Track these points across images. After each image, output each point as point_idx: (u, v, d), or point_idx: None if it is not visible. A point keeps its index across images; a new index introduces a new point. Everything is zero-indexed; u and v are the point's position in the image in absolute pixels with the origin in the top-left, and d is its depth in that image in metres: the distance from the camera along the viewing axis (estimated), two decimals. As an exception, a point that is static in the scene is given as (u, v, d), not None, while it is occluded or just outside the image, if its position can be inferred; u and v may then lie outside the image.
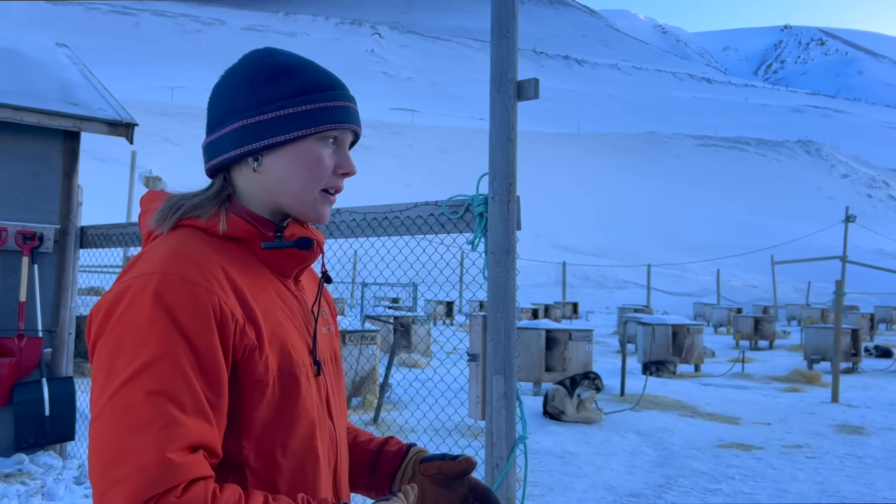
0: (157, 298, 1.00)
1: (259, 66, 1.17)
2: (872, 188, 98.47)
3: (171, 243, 1.09)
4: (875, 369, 15.49)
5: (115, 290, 1.04)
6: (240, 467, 1.06)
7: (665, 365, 13.69)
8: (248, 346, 1.05)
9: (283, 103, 1.15)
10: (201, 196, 1.17)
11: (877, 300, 39.93)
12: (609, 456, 6.80)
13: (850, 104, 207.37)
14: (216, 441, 1.01)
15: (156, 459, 0.93)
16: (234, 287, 1.07)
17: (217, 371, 1.02)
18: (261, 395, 1.07)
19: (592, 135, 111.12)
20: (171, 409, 0.96)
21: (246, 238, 1.15)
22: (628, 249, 62.99)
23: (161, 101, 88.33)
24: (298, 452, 1.10)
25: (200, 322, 1.00)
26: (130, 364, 0.97)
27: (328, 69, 1.22)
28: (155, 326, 0.99)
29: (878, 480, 6.25)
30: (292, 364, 1.11)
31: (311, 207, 1.17)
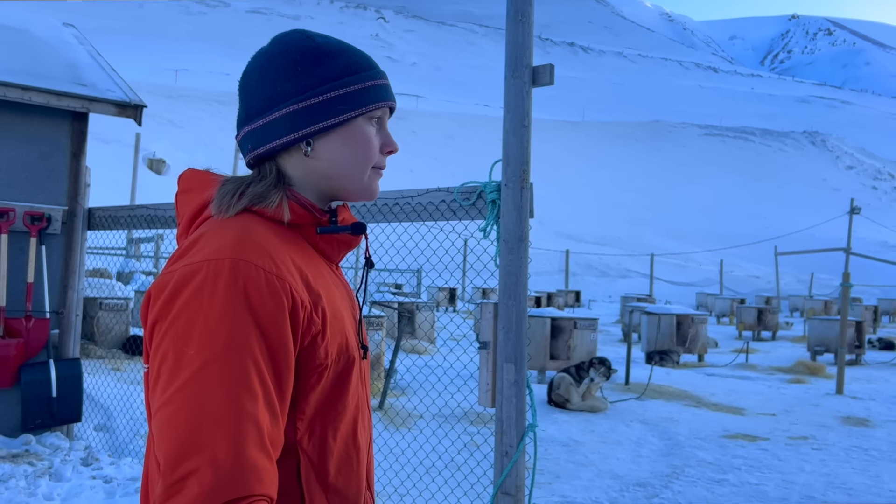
0: (232, 284, 0.98)
1: (300, 48, 1.16)
2: (878, 180, 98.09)
3: (237, 228, 1.06)
4: (878, 361, 15.48)
5: (179, 272, 1.00)
6: (294, 449, 1.06)
7: (669, 355, 13.69)
8: (314, 332, 1.06)
9: (331, 85, 1.14)
10: (264, 184, 1.14)
11: (880, 292, 39.88)
12: (614, 444, 6.80)
13: (857, 95, 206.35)
14: (279, 434, 1.00)
15: (231, 456, 0.91)
16: (300, 273, 1.06)
17: (287, 361, 1.02)
18: (318, 379, 1.08)
19: (597, 123, 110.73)
20: (247, 403, 0.94)
21: (302, 224, 1.15)
22: (631, 238, 62.90)
23: (165, 83, 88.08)
24: (346, 437, 1.12)
25: (275, 310, 0.99)
26: (203, 351, 0.95)
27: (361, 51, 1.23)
28: (228, 314, 0.96)
29: (883, 473, 6.25)
30: (349, 348, 1.13)
31: (367, 186, 1.19)
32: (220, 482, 0.89)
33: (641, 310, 15.34)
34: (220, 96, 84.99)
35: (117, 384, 6.86)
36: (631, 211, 74.01)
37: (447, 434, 5.76)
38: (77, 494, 4.45)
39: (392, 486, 4.72)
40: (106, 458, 5.15)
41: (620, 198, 78.18)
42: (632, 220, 70.70)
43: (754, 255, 54.56)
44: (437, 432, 5.60)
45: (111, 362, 8.85)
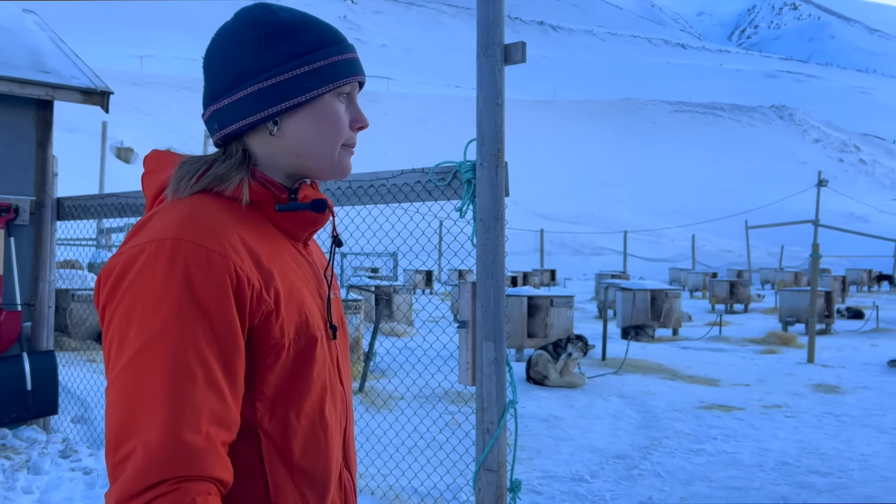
0: (171, 264, 0.97)
1: (264, 23, 1.12)
2: (844, 152, 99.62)
3: (185, 208, 1.05)
4: (847, 330, 15.82)
5: (125, 254, 1.00)
6: (254, 430, 1.05)
7: (644, 329, 13.86)
8: (265, 310, 1.04)
9: (298, 61, 1.11)
10: (227, 165, 1.11)
11: (848, 262, 40.66)
12: (593, 419, 6.89)
13: (822, 69, 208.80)
14: (229, 414, 0.98)
15: (163, 437, 0.91)
16: (250, 252, 1.04)
17: (233, 339, 1.00)
18: (276, 358, 1.05)
19: (568, 101, 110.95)
20: (184, 384, 0.94)
21: (261, 201, 1.12)
22: (605, 216, 63.35)
23: (130, 69, 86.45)
24: (311, 416, 1.09)
25: (216, 289, 0.98)
26: (142, 333, 0.95)
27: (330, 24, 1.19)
28: (168, 294, 0.96)
29: (855, 437, 6.41)
30: (309, 327, 1.10)
31: (338, 164, 1.16)
32: (150, 463, 0.90)
33: (616, 286, 15.50)
34: (187, 82, 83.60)
35: (93, 375, 6.79)
36: (603, 189, 74.48)
37: (428, 414, 5.79)
38: (57, 487, 4.41)
39: (375, 466, 4.74)
40: (85, 449, 5.11)
41: (593, 176, 78.60)
42: (604, 197, 71.17)
43: (725, 229, 55.28)
44: (418, 412, 5.62)
45: (86, 354, 8.75)
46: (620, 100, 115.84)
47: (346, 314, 8.98)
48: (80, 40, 70.15)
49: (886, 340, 13.97)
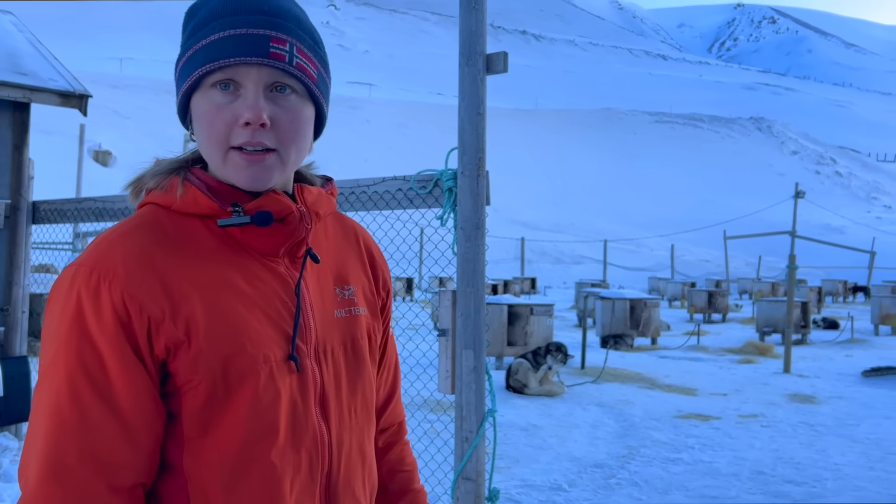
0: (69, 293, 0.92)
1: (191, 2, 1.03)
2: (820, 164, 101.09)
3: (114, 228, 0.99)
4: (823, 340, 16.00)
5: (59, 276, 0.97)
6: (180, 472, 0.96)
7: (623, 338, 13.93)
8: (169, 343, 0.93)
9: (183, 47, 1.00)
10: (165, 162, 1.03)
11: (824, 273, 41.18)
12: (572, 428, 6.91)
13: (800, 82, 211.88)
14: (123, 456, 0.91)
15: (37, 482, 0.90)
16: (158, 275, 0.94)
17: (125, 374, 0.92)
18: (192, 396, 0.94)
19: (550, 111, 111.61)
20: (62, 425, 0.90)
21: (209, 214, 0.99)
22: (585, 225, 63.71)
23: (109, 72, 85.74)
24: (245, 460, 0.96)
25: (101, 319, 0.91)
26: (42, 362, 0.94)
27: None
28: (62, 324, 0.92)
29: (829, 447, 6.48)
30: (241, 359, 0.95)
31: (226, 171, 0.98)
32: (26, 502, 0.91)
33: (596, 295, 15.57)
34: (167, 85, 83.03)
35: (67, 382, 6.70)
36: (584, 198, 74.92)
37: (407, 422, 5.78)
38: (28, 495, 4.34)
39: (353, 475, 4.71)
40: (57, 457, 5.03)
41: (574, 185, 79.07)
42: (585, 206, 71.59)
43: (704, 239, 55.81)
44: (396, 421, 5.60)
45: (60, 359, 8.64)
46: (601, 109, 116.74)
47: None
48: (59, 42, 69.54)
49: (861, 351, 14.15)
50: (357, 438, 1.08)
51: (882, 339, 16.61)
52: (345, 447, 1.06)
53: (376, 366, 1.17)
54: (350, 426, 1.07)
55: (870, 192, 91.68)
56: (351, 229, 1.19)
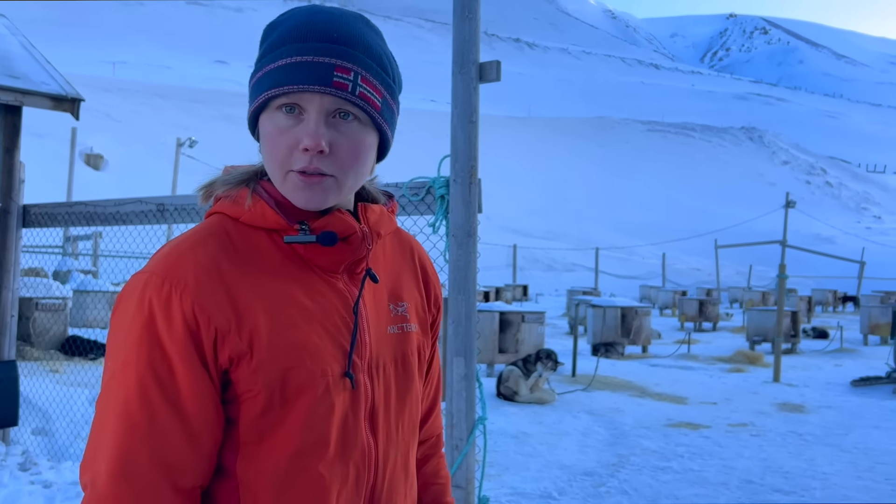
0: (140, 301, 0.96)
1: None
2: (811, 175, 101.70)
3: (184, 236, 1.02)
4: (812, 350, 16.07)
5: (127, 281, 1.01)
6: (233, 477, 1.00)
7: (614, 346, 13.95)
8: (234, 354, 0.96)
9: (256, 67, 1.03)
10: (235, 172, 1.06)
11: (814, 283, 41.39)
12: (562, 436, 6.91)
13: (791, 92, 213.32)
14: (186, 458, 0.95)
15: (106, 478, 0.93)
16: (227, 287, 0.97)
17: (191, 380, 0.95)
18: (251, 405, 0.97)
19: (543, 118, 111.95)
20: (132, 426, 0.94)
21: (276, 229, 1.02)
22: (577, 233, 63.84)
23: (102, 75, 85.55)
24: (292, 470, 0.99)
25: (171, 327, 0.94)
26: (111, 365, 0.97)
27: (326, 15, 1.00)
28: (133, 331, 0.95)
29: (817, 456, 6.50)
30: (300, 372, 0.98)
31: (284, 190, 1.01)
32: (93, 502, 0.94)
33: (587, 303, 15.60)
34: (160, 90, 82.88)
35: (56, 386, 6.65)
36: (576, 205, 75.11)
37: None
38: (15, 501, 4.31)
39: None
40: (45, 462, 4.99)
41: (566, 192, 79.25)
42: (577, 214, 71.76)
43: (695, 248, 56.01)
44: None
45: (49, 364, 8.58)
46: (594, 118, 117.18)
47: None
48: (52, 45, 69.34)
49: (850, 361, 14.22)
50: (402, 453, 1.11)
51: (871, 348, 16.70)
52: (390, 462, 1.08)
53: (422, 380, 1.19)
54: (396, 441, 1.09)
55: (860, 203, 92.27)
56: (407, 244, 1.21)
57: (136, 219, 4.44)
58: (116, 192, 20.86)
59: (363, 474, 1.04)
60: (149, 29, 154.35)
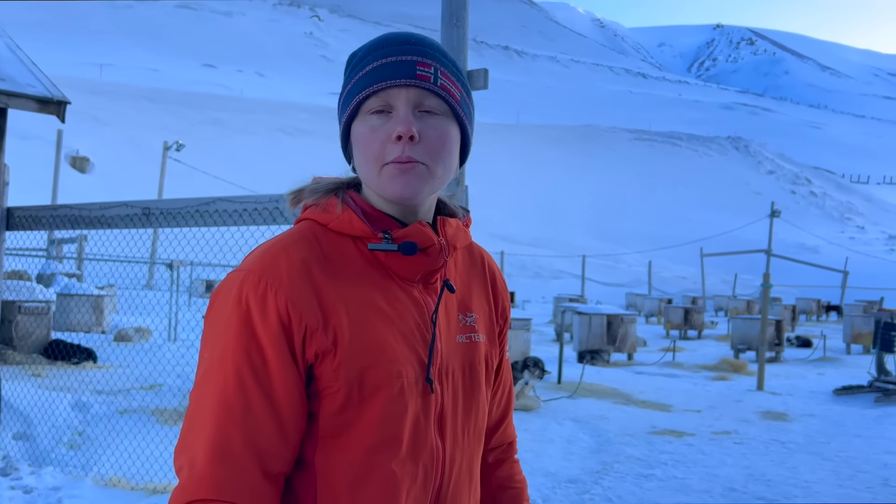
0: (238, 297, 1.03)
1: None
2: (796, 185, 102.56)
3: (277, 239, 1.09)
4: (796, 358, 16.19)
5: (223, 280, 1.08)
6: (311, 468, 1.06)
7: (600, 354, 13.99)
8: (319, 350, 1.03)
9: (346, 79, 1.12)
10: (323, 182, 1.14)
11: (798, 292, 41.70)
12: (547, 443, 6.92)
13: (777, 103, 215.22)
14: (274, 445, 1.01)
15: (204, 462, 0.99)
16: (315, 287, 1.04)
17: (281, 372, 1.02)
18: (331, 400, 1.04)
19: (531, 126, 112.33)
20: (228, 413, 1.00)
21: (361, 236, 1.10)
22: (564, 240, 64.01)
23: (89, 78, 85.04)
24: (368, 465, 1.04)
25: (266, 322, 1.01)
26: (209, 356, 1.04)
27: (402, 31, 1.13)
28: (231, 325, 1.02)
29: (800, 465, 6.55)
30: (378, 372, 1.04)
31: (382, 186, 1.07)
32: (192, 482, 0.99)
33: (573, 310, 15.64)
34: (147, 92, 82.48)
35: (38, 391, 6.60)
36: (563, 213, 75.33)
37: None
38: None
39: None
40: (26, 467, 4.95)
41: (553, 200, 79.48)
42: (564, 221, 71.96)
43: (681, 256, 56.29)
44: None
45: (31, 368, 8.51)
46: (582, 126, 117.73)
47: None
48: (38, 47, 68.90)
49: (832, 369, 14.33)
50: (467, 458, 1.16)
51: (853, 357, 16.85)
52: (456, 465, 1.13)
53: (490, 390, 1.24)
54: (462, 446, 1.14)
55: (843, 213, 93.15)
56: (479, 256, 1.27)
57: (122, 222, 4.42)
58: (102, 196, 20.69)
59: (431, 475, 1.09)
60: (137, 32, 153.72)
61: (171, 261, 14.17)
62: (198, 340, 9.03)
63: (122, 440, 5.45)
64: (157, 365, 8.51)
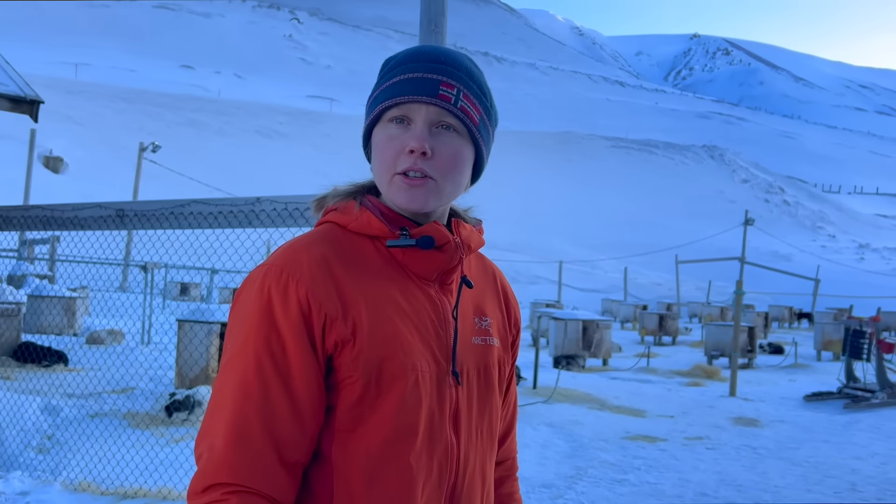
0: (261, 289, 1.07)
1: None
2: (769, 193, 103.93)
3: (298, 238, 1.14)
4: (768, 365, 16.40)
5: (247, 276, 1.12)
6: (328, 460, 1.08)
7: (575, 359, 14.07)
8: (339, 340, 1.06)
9: (374, 87, 1.17)
10: (343, 188, 1.20)
11: (770, 299, 42.24)
12: (522, 448, 6.94)
13: (751, 112, 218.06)
14: (291, 433, 1.04)
15: (223, 447, 1.02)
16: (335, 280, 1.08)
17: (301, 361, 1.05)
18: (349, 391, 1.07)
19: (510, 132, 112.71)
20: (248, 401, 1.03)
21: (379, 236, 1.14)
22: (542, 245, 64.29)
23: (65, 77, 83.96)
24: (385, 457, 1.06)
25: (287, 311, 1.05)
26: (231, 347, 1.07)
27: (435, 46, 1.17)
28: (253, 315, 1.06)
29: (770, 470, 6.64)
30: (394, 363, 1.07)
31: (390, 192, 1.13)
32: (211, 467, 1.02)
33: (549, 315, 15.72)
34: (124, 93, 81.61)
35: (6, 394, 6.49)
36: (541, 218, 75.66)
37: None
38: (-40, 511, 4.19)
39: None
40: (-7, 471, 4.86)
41: (531, 205, 79.81)
42: (542, 227, 72.28)
43: (657, 263, 56.77)
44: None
45: (0, 371, 8.37)
46: (560, 133, 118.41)
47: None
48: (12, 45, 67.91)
49: (803, 376, 14.54)
50: (480, 459, 1.18)
51: (824, 364, 17.11)
52: (469, 464, 1.15)
53: (502, 396, 1.26)
54: (476, 446, 1.17)
55: (815, 222, 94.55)
56: (490, 269, 1.32)
57: (95, 224, 4.37)
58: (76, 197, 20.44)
59: (445, 471, 1.12)
60: (114, 32, 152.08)
61: (146, 263, 14.03)
62: (171, 343, 8.95)
63: (93, 444, 5.38)
64: (129, 368, 8.41)
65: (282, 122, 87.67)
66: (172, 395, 6.98)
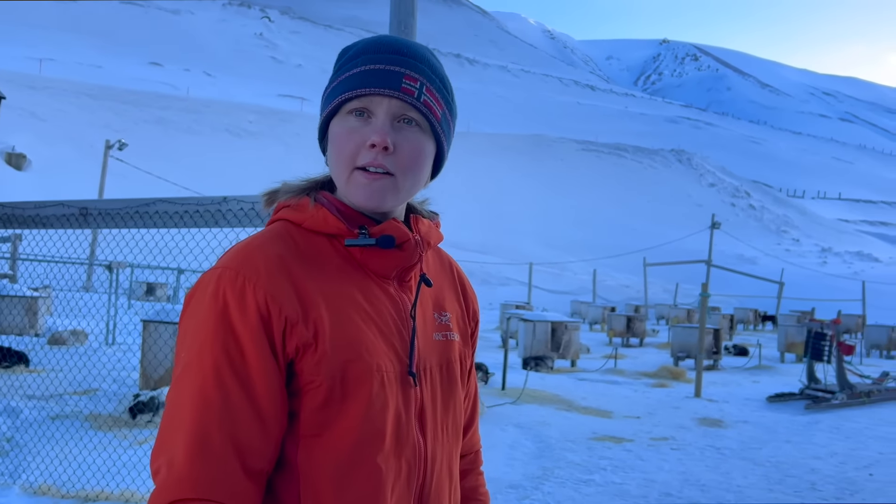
0: (215, 293, 1.02)
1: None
2: (736, 197, 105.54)
3: (250, 238, 1.09)
4: (733, 366, 16.66)
5: (197, 279, 1.07)
6: (294, 467, 1.04)
7: (544, 360, 14.15)
8: (300, 344, 1.02)
9: (330, 78, 1.13)
10: (297, 182, 1.14)
11: (736, 302, 42.90)
12: (490, 448, 6.96)
13: (719, 118, 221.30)
14: (254, 441, 0.99)
15: (183, 460, 0.96)
16: (293, 282, 1.03)
17: (262, 367, 1.00)
18: (312, 396, 1.03)
19: (481, 134, 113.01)
20: (207, 411, 0.98)
21: (336, 234, 1.10)
22: (512, 247, 64.55)
23: (28, 72, 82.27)
24: (352, 461, 1.03)
25: (245, 316, 1.00)
26: (185, 355, 1.02)
27: (396, 37, 1.12)
28: (208, 321, 1.01)
29: (733, 470, 6.75)
30: (359, 366, 1.04)
31: (348, 188, 1.09)
32: (171, 483, 0.97)
33: (519, 317, 15.79)
34: (89, 89, 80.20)
35: (-35, 395, 6.36)
36: (511, 220, 75.98)
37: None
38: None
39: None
40: (-50, 475, 4.75)
41: (502, 207, 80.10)
42: (512, 229, 72.58)
43: (625, 265, 57.34)
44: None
45: (-42, 371, 8.18)
46: (531, 135, 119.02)
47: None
48: (-26, 38, 66.32)
49: (767, 377, 14.79)
50: (447, 456, 1.16)
51: (787, 365, 17.43)
52: (437, 462, 1.13)
53: (464, 390, 1.25)
54: (442, 442, 1.15)
55: (780, 226, 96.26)
56: (447, 261, 1.30)
57: (58, 222, 4.30)
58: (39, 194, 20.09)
59: (414, 471, 1.10)
60: (80, 27, 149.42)
61: (110, 262, 13.81)
62: (135, 344, 8.83)
63: (54, 447, 5.28)
64: (92, 369, 8.28)
65: (251, 121, 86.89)
66: (136, 397, 6.89)
